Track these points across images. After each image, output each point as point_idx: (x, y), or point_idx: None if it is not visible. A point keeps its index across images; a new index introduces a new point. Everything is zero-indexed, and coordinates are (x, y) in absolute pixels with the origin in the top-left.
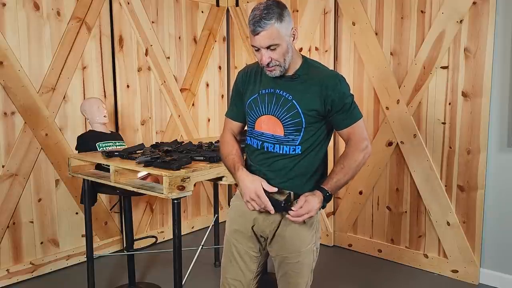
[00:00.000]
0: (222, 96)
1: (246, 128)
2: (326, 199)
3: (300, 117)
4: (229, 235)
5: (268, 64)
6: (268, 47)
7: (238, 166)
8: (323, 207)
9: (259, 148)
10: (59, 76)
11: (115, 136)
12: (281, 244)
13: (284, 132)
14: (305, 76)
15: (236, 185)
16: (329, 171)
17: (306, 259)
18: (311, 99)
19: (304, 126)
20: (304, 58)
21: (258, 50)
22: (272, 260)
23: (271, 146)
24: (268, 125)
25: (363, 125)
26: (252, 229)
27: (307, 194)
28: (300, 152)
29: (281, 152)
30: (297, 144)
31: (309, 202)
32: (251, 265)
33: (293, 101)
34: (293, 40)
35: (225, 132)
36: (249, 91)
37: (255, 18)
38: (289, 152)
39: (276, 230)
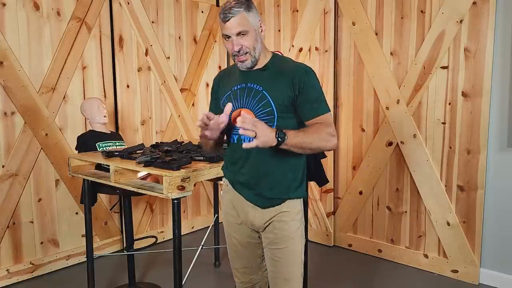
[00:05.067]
0: None
1: None
2: (278, 137)
3: (271, 106)
4: (227, 229)
5: (239, 51)
6: (238, 34)
7: None
8: (278, 144)
9: (235, 141)
10: (59, 76)
11: (115, 136)
12: (271, 231)
13: None
14: (274, 67)
15: None
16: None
17: (295, 246)
18: (281, 88)
19: (276, 115)
20: (273, 53)
21: (228, 38)
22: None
23: (246, 138)
24: None
25: (331, 120)
26: (243, 222)
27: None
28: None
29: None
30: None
31: (260, 121)
32: (256, 250)
33: (263, 91)
34: (261, 32)
35: None
36: (223, 90)
37: (226, 7)
38: None
39: (267, 223)
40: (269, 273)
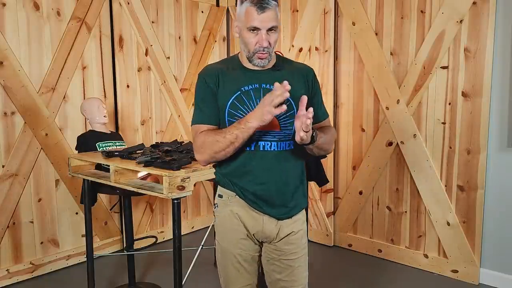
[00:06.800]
0: None
1: None
2: (313, 135)
3: (293, 108)
4: (229, 246)
5: (264, 48)
6: (270, 29)
7: (238, 122)
8: (312, 142)
9: (253, 149)
10: (59, 76)
11: (115, 136)
12: (290, 243)
13: (281, 127)
14: (285, 68)
15: None
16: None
17: (305, 249)
18: (299, 89)
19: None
20: (275, 53)
21: (254, 30)
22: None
23: (267, 144)
24: None
25: None
26: (254, 235)
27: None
28: (293, 148)
29: (278, 149)
30: (290, 139)
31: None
32: (256, 264)
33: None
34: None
35: (199, 135)
36: (226, 90)
37: None
38: (286, 148)
39: (284, 234)
40: (280, 283)
